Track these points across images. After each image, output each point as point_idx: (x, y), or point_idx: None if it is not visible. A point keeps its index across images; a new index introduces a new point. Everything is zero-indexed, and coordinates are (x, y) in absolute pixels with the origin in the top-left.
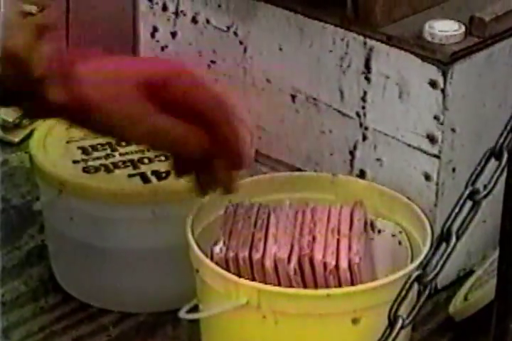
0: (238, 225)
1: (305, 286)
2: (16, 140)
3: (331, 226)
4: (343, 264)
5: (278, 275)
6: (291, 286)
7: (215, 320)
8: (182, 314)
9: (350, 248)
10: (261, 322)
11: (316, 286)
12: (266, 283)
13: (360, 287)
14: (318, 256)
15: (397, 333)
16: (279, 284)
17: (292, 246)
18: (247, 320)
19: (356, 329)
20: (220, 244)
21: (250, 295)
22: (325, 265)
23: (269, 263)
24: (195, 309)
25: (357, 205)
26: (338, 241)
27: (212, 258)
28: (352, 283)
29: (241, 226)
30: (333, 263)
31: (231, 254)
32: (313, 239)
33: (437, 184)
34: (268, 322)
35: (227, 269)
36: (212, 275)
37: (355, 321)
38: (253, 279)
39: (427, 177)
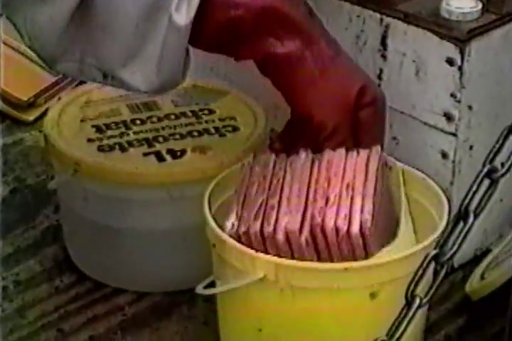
0: (253, 189)
1: (318, 256)
2: (30, 119)
3: (345, 182)
4: (355, 229)
5: (291, 247)
6: (304, 258)
7: (232, 295)
8: (199, 289)
9: (362, 208)
10: (278, 296)
11: (329, 254)
12: (280, 256)
13: (377, 260)
14: (329, 224)
15: (414, 312)
16: (293, 256)
17: (304, 214)
18: (264, 294)
19: (374, 304)
20: (232, 218)
21: (267, 269)
22: (337, 231)
23: (281, 237)
24: (212, 285)
25: (372, 152)
26: (352, 200)
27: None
28: (365, 248)
29: (255, 191)
30: (345, 228)
31: (242, 229)
32: (326, 202)
33: (454, 162)
34: (285, 296)
35: (242, 244)
36: (229, 250)
37: (373, 295)
38: (267, 253)
39: (444, 156)
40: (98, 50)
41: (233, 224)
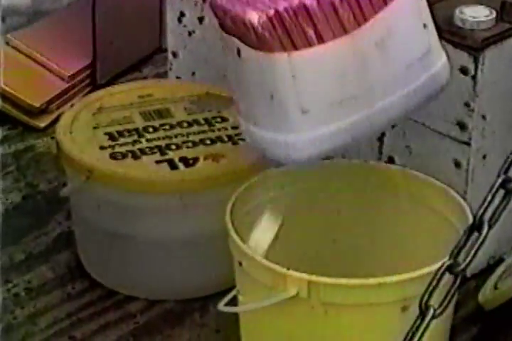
0: None
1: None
2: (42, 125)
3: None
4: None
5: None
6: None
7: (260, 312)
8: (221, 307)
9: None
10: (309, 313)
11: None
12: (316, 30)
13: (410, 275)
14: None
15: (428, 323)
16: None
17: None
18: (295, 312)
19: (405, 317)
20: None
21: (300, 286)
22: None
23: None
24: (233, 300)
25: None
26: None
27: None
28: None
29: None
30: None
31: (271, 12)
32: None
33: (467, 171)
34: (317, 313)
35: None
36: (258, 268)
37: (404, 309)
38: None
39: (457, 165)
40: None
41: (259, 17)
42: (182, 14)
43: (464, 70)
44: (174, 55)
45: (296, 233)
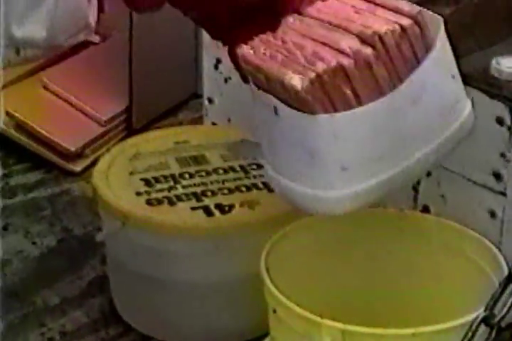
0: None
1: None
2: (78, 169)
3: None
4: (406, 22)
5: (360, 68)
6: (374, 75)
7: None
8: None
9: (397, 10)
10: None
11: (392, 62)
12: (353, 89)
13: (444, 326)
14: (381, 29)
15: None
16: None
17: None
18: None
19: None
20: (291, 75)
21: (334, 335)
22: (392, 32)
23: (348, 61)
24: None
25: None
26: (377, 10)
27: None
28: (423, 37)
29: (286, 52)
30: (397, 26)
31: (313, 73)
32: (355, 21)
33: (502, 221)
34: None
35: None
36: (293, 316)
37: None
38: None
39: (492, 215)
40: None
41: (302, 81)
42: (218, 61)
43: (499, 121)
44: (210, 101)
45: (329, 280)
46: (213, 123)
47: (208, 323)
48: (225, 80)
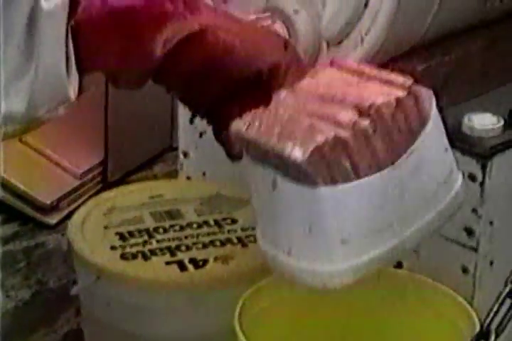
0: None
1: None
2: (53, 222)
3: (348, 81)
4: (401, 93)
5: (359, 141)
6: (374, 150)
7: None
8: None
9: (391, 82)
10: None
11: (389, 134)
12: (353, 160)
13: None
14: (378, 100)
15: None
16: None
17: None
18: None
19: None
20: (291, 147)
21: None
22: (387, 104)
23: (347, 133)
24: None
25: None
26: (372, 81)
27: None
28: (418, 111)
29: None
30: (392, 98)
31: (313, 145)
32: (348, 96)
33: (474, 277)
34: None
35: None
36: None
37: None
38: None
39: (464, 270)
40: None
41: (303, 152)
42: (194, 115)
43: (472, 177)
44: (185, 154)
45: (305, 335)
46: (188, 177)
47: None
48: (200, 134)
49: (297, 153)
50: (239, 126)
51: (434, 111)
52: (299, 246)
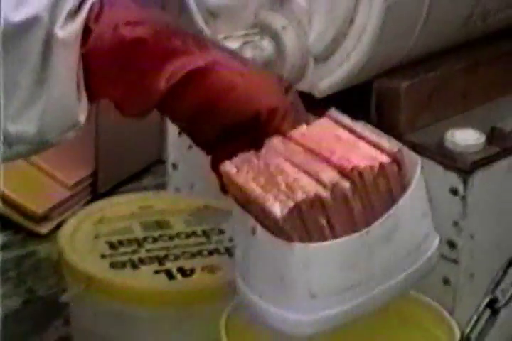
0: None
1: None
2: (44, 231)
3: (337, 136)
4: (385, 159)
5: (337, 201)
6: (351, 212)
7: None
8: None
9: (376, 145)
10: None
11: (367, 197)
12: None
13: None
14: (361, 164)
15: None
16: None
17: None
18: None
19: None
20: (272, 203)
21: None
22: (371, 168)
23: (327, 194)
24: None
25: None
26: (359, 143)
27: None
28: (400, 175)
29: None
30: (377, 163)
31: (289, 205)
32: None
33: (455, 288)
34: None
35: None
36: None
37: None
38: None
39: (446, 282)
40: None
41: (281, 209)
42: None
43: (453, 191)
44: (174, 166)
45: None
46: (177, 189)
47: None
48: (189, 147)
49: (276, 209)
50: (229, 168)
51: (417, 177)
52: (270, 292)
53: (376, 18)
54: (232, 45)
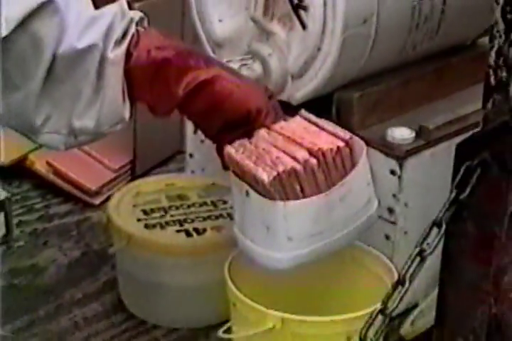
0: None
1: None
2: (96, 203)
3: (307, 128)
4: (340, 144)
5: (307, 174)
6: (317, 182)
7: (247, 339)
8: (219, 333)
9: (336, 134)
10: (282, 340)
11: (328, 171)
12: (302, 187)
13: (353, 314)
14: (325, 147)
15: None
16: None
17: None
18: (272, 338)
19: None
20: (261, 172)
21: (275, 321)
22: (331, 150)
23: (299, 167)
24: (228, 329)
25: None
26: (323, 132)
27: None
28: (351, 158)
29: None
30: (335, 147)
31: (275, 172)
32: (305, 139)
33: (393, 242)
34: (287, 340)
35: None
36: (247, 308)
37: (348, 338)
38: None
39: (387, 238)
40: (68, 114)
41: (267, 176)
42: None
43: (392, 172)
44: (191, 156)
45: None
46: (192, 171)
47: (188, 312)
48: (201, 141)
49: (264, 177)
50: (230, 150)
51: (363, 156)
52: (259, 238)
53: (336, 47)
54: (232, 66)
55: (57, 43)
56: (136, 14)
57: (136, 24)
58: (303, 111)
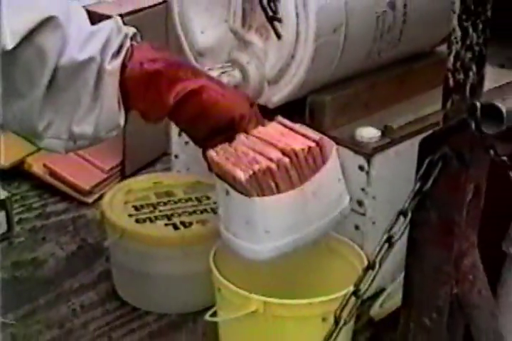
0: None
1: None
2: (90, 201)
3: (283, 132)
4: (311, 144)
5: (281, 172)
6: (290, 180)
7: (232, 321)
8: (206, 317)
9: (307, 136)
10: (264, 322)
11: (301, 169)
12: (277, 185)
13: (328, 297)
14: (297, 147)
15: (340, 328)
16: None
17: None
18: (254, 321)
19: (325, 325)
20: (239, 173)
21: (258, 305)
22: (303, 150)
23: (274, 166)
24: (214, 313)
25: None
26: (297, 134)
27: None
28: (322, 156)
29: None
30: (306, 147)
31: (251, 171)
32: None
33: (363, 232)
34: (268, 322)
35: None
36: (231, 293)
37: (324, 319)
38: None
39: (357, 228)
40: (69, 121)
41: (244, 175)
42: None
43: (361, 168)
44: (176, 156)
45: (260, 270)
46: (178, 171)
47: (177, 299)
48: (186, 143)
49: (241, 175)
50: (212, 153)
51: (333, 155)
52: (240, 231)
53: (309, 55)
54: (214, 74)
55: (60, 55)
56: (130, 30)
57: (131, 39)
58: (279, 117)
